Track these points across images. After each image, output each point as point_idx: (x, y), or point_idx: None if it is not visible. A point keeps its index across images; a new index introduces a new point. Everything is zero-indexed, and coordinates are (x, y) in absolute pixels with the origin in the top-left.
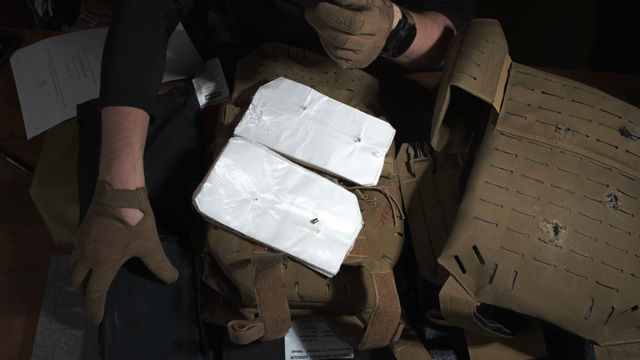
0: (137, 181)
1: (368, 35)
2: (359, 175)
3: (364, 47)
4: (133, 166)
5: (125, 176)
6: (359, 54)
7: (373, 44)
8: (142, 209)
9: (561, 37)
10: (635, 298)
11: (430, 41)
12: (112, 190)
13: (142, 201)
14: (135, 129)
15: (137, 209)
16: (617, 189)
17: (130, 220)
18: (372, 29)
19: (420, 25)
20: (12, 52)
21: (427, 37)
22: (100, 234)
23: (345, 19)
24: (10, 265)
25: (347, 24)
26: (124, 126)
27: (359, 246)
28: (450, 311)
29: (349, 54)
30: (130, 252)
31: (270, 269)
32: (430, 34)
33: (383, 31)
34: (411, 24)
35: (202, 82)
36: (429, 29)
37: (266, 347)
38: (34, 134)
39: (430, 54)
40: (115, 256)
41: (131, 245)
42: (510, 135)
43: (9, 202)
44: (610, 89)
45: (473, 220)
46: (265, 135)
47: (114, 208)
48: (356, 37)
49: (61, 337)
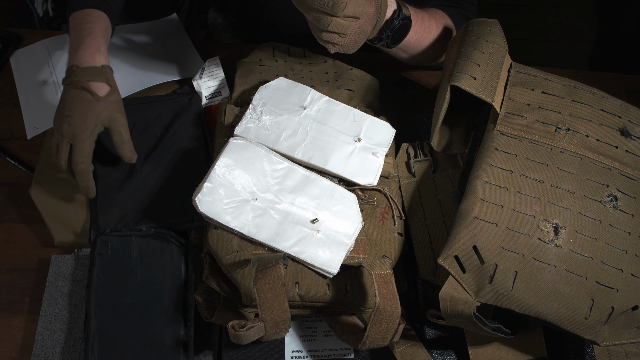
0: (102, 60)
1: (352, 18)
2: (359, 175)
3: (349, 30)
4: (97, 48)
5: (91, 56)
6: (345, 38)
7: (358, 27)
8: (109, 83)
9: (561, 37)
10: (635, 298)
11: (427, 35)
12: (80, 68)
13: (108, 77)
14: (98, 24)
15: (104, 82)
16: (617, 189)
17: (99, 91)
18: (356, 12)
19: (417, 18)
20: (12, 52)
21: (424, 30)
22: (72, 109)
23: (328, 0)
24: (10, 265)
25: (330, 5)
26: (88, 20)
27: (359, 246)
28: (450, 311)
29: (334, 37)
30: (102, 122)
31: (270, 269)
32: (428, 27)
33: (368, 15)
34: (406, 15)
35: (202, 82)
36: (426, 22)
37: (266, 347)
38: (34, 134)
39: (429, 49)
40: (89, 126)
41: (102, 115)
42: (510, 135)
43: (9, 202)
44: (610, 89)
45: (473, 220)
46: (265, 135)
47: (83, 82)
48: (340, 20)
49: (61, 337)
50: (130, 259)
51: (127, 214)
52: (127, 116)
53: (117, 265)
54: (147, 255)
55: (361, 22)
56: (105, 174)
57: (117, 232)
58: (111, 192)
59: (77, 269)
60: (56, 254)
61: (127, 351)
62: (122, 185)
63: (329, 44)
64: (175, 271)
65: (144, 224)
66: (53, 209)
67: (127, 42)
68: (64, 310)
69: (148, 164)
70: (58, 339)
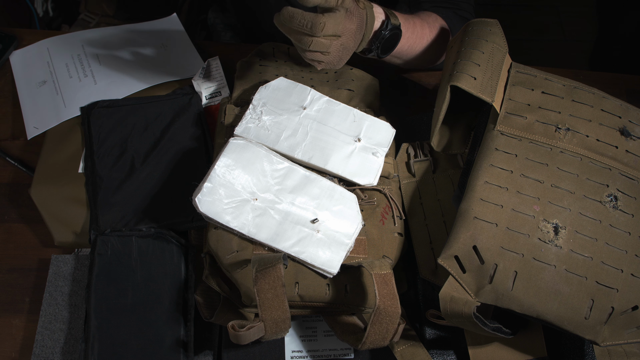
0: None
1: (333, 37)
2: (359, 175)
3: (331, 48)
4: None
5: None
6: (328, 55)
7: (340, 45)
8: None
9: (561, 37)
10: (635, 298)
11: (420, 41)
12: None
13: None
14: None
15: None
16: (617, 189)
17: None
18: (336, 30)
19: (408, 26)
20: (12, 52)
21: (416, 36)
22: None
23: (307, 22)
24: (10, 265)
25: (309, 27)
26: None
27: (359, 246)
28: (450, 311)
29: (318, 55)
30: None
31: (270, 269)
32: (420, 33)
33: (349, 32)
34: (395, 25)
35: (202, 82)
36: (418, 29)
37: (266, 347)
38: (34, 134)
39: (423, 54)
40: None
41: None
42: (510, 135)
43: (9, 202)
44: (610, 89)
45: (473, 220)
46: (265, 135)
47: None
48: (320, 39)
49: (61, 337)
50: (130, 259)
51: (127, 214)
52: (127, 116)
53: (117, 265)
54: (147, 255)
55: (343, 39)
56: (106, 174)
57: (117, 232)
58: (111, 192)
59: (77, 269)
60: (56, 254)
61: (127, 351)
62: (122, 185)
63: (314, 62)
64: (175, 271)
65: (144, 224)
66: (53, 209)
67: (127, 42)
68: (64, 310)
69: (148, 164)
70: (58, 339)
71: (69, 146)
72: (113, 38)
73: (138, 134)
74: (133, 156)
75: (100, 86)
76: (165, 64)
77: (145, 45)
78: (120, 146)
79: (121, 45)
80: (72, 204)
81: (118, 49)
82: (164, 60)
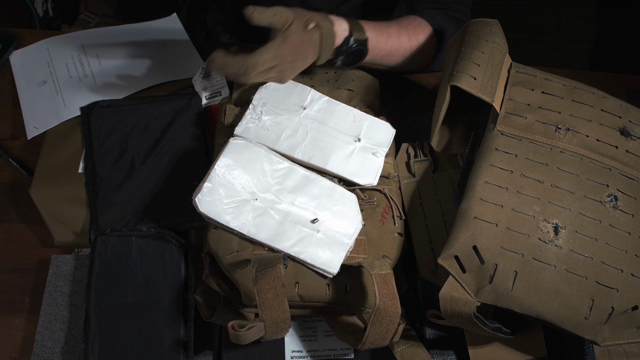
0: None
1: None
2: (359, 175)
3: (270, 75)
4: None
5: None
6: (274, 77)
7: (278, 71)
8: None
9: (561, 37)
10: (635, 298)
11: (397, 49)
12: None
13: None
14: None
15: None
16: (617, 189)
17: None
18: (270, 63)
19: (381, 37)
20: (12, 52)
21: (391, 46)
22: None
23: (239, 69)
24: (10, 265)
25: (243, 71)
26: None
27: (359, 246)
28: (450, 311)
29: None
30: None
31: (270, 269)
32: (397, 42)
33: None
34: (360, 40)
35: (202, 82)
36: (394, 37)
37: (266, 347)
38: (34, 134)
39: (407, 60)
40: None
41: None
42: (510, 135)
43: (9, 202)
44: (610, 89)
45: (473, 220)
46: (265, 135)
47: None
48: (256, 75)
49: (61, 337)
50: (130, 259)
51: (127, 214)
52: (127, 116)
53: (117, 265)
54: (147, 255)
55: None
56: (106, 174)
57: (117, 232)
58: (111, 192)
59: (77, 269)
60: (56, 254)
61: (127, 351)
62: (122, 185)
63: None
64: (175, 271)
65: (144, 224)
66: (53, 209)
67: (127, 42)
68: (64, 310)
69: (148, 164)
70: (58, 339)
71: (69, 146)
72: (113, 38)
73: (138, 134)
74: (133, 156)
75: (100, 86)
76: (165, 64)
77: (145, 45)
78: (120, 146)
79: (121, 46)
80: (72, 204)
81: (118, 49)
82: (164, 60)
